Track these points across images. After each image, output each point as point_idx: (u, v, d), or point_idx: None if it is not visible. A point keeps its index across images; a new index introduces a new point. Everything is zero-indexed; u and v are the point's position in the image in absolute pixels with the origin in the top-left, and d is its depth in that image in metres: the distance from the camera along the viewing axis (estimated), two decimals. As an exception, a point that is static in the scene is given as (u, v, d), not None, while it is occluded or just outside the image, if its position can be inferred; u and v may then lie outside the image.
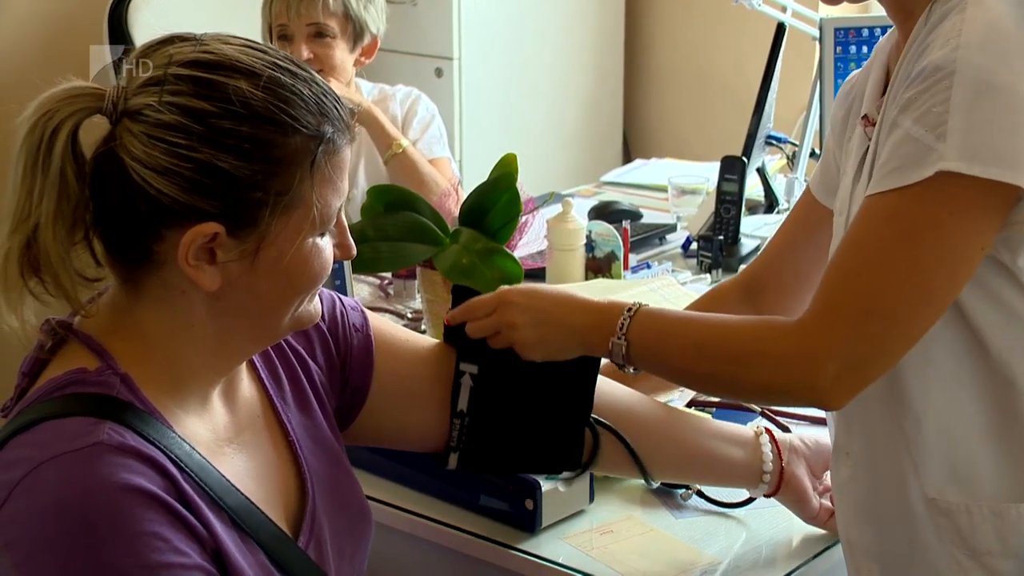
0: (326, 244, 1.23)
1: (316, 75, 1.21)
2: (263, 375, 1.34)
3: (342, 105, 1.21)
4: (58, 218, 1.12)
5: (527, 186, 2.06)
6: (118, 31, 3.10)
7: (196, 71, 1.14)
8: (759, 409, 1.90)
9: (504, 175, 1.99)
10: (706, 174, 2.89)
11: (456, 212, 2.04)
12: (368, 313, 1.47)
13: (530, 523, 1.63)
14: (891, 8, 1.38)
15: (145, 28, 3.10)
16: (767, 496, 1.61)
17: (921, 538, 1.34)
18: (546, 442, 1.51)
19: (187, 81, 1.14)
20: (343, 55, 2.77)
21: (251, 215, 1.15)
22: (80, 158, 1.13)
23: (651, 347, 1.38)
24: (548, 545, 1.61)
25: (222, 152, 1.13)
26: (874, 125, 1.35)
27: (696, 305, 1.73)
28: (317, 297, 1.28)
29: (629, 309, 1.38)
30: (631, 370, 1.41)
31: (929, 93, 1.21)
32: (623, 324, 1.38)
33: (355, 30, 2.78)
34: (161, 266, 1.17)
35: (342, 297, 1.46)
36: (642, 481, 1.63)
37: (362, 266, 2.10)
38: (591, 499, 1.69)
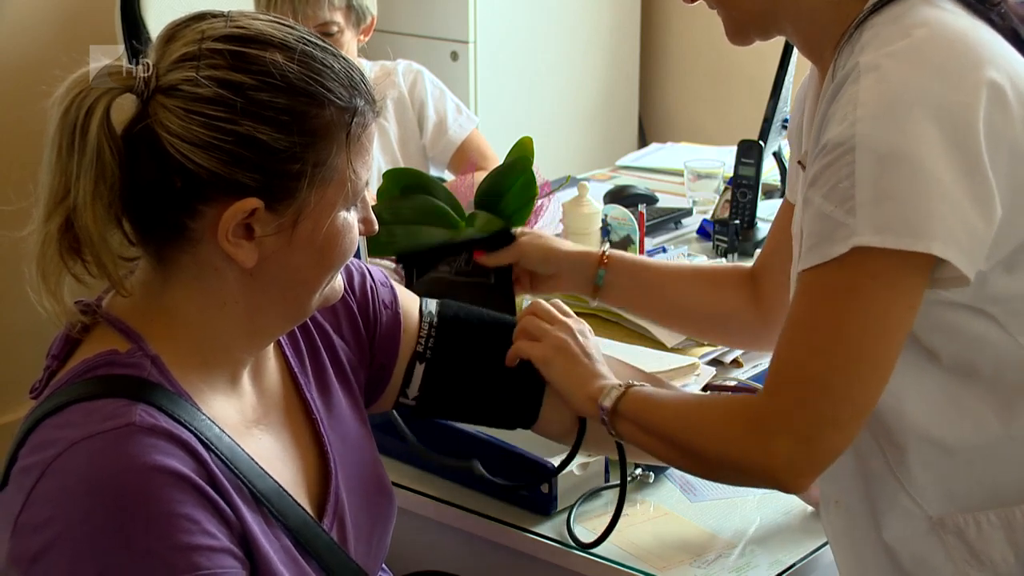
0: (354, 219, 1.24)
1: (339, 50, 1.22)
2: (287, 352, 1.34)
3: (368, 80, 1.22)
4: (96, 197, 1.13)
5: (543, 170, 2.05)
6: (131, 17, 3.10)
7: (231, 45, 1.15)
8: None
9: (520, 158, 1.98)
10: (722, 158, 2.89)
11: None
12: (397, 289, 1.48)
13: (545, 506, 1.64)
14: (803, 48, 1.40)
15: (158, 14, 3.10)
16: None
17: (935, 566, 1.33)
18: (501, 397, 1.50)
19: (223, 55, 1.14)
20: (350, 44, 2.79)
21: (289, 188, 1.16)
22: (115, 136, 1.14)
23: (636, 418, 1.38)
24: (563, 528, 1.62)
25: (261, 124, 1.14)
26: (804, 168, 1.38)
27: (694, 279, 1.71)
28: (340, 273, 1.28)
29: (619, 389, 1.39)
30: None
31: (834, 168, 1.22)
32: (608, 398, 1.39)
33: (357, 16, 2.79)
34: (196, 243, 1.17)
35: (372, 271, 1.46)
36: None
37: (378, 249, 2.10)
38: (606, 482, 1.69)
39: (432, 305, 1.49)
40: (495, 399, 1.50)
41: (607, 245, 1.65)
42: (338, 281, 1.27)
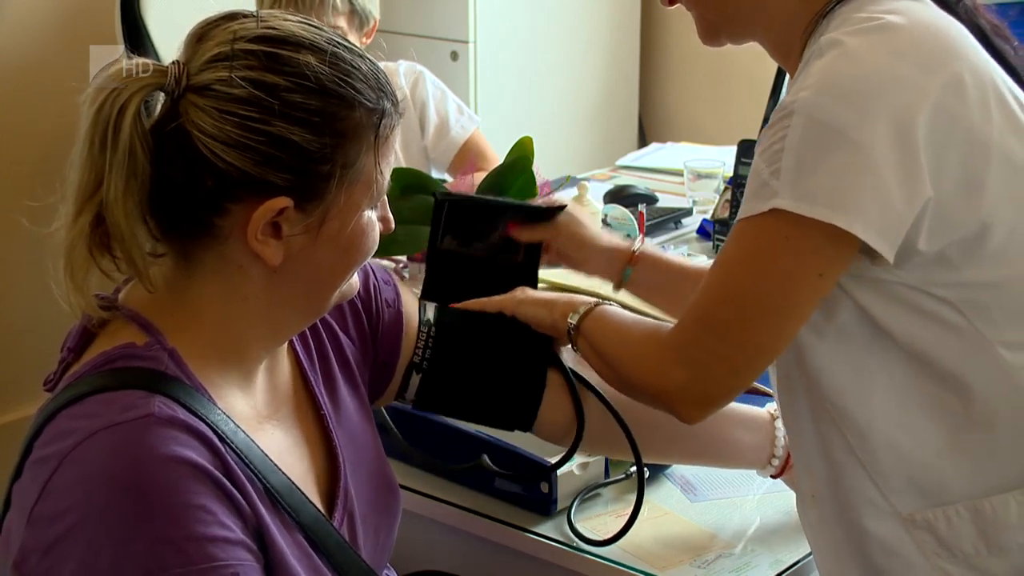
0: (375, 218, 1.25)
1: (365, 52, 1.23)
2: (297, 349, 1.35)
3: (392, 82, 1.24)
4: (128, 194, 1.13)
5: (543, 169, 2.06)
6: (131, 17, 3.09)
7: (265, 46, 1.16)
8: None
9: (520, 158, 1.99)
10: (722, 158, 2.89)
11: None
12: (400, 288, 1.49)
13: (545, 506, 1.64)
14: (773, 53, 1.42)
15: (158, 14, 3.09)
16: (773, 477, 1.61)
17: (908, 559, 1.34)
18: (498, 402, 1.51)
19: (257, 56, 1.15)
20: None
21: (319, 188, 1.17)
22: (146, 134, 1.14)
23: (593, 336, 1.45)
24: (563, 528, 1.62)
25: (294, 125, 1.15)
26: None
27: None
28: None
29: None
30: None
31: (773, 130, 1.25)
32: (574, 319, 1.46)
33: (360, 20, 2.78)
34: (222, 241, 1.18)
35: (375, 269, 1.48)
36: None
37: (378, 249, 2.10)
38: (606, 478, 1.69)
39: (430, 312, 1.50)
40: (493, 404, 1.51)
41: (640, 242, 1.67)
42: (355, 278, 1.29)
